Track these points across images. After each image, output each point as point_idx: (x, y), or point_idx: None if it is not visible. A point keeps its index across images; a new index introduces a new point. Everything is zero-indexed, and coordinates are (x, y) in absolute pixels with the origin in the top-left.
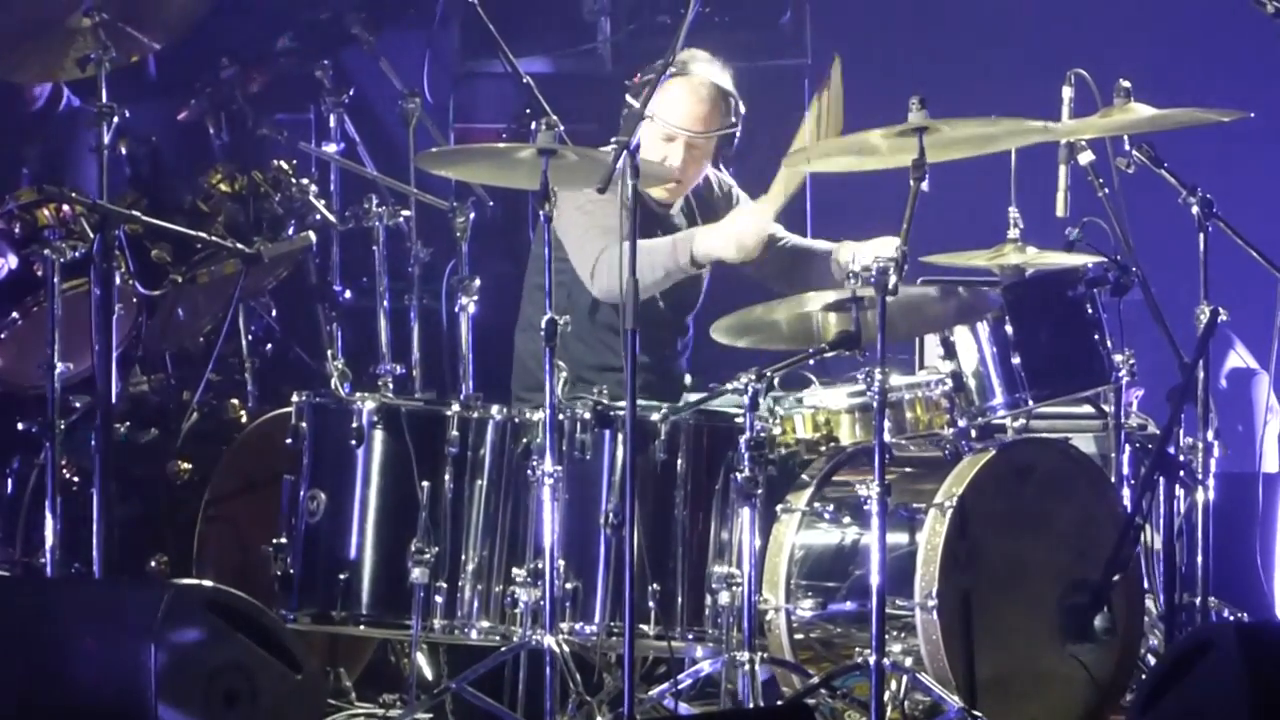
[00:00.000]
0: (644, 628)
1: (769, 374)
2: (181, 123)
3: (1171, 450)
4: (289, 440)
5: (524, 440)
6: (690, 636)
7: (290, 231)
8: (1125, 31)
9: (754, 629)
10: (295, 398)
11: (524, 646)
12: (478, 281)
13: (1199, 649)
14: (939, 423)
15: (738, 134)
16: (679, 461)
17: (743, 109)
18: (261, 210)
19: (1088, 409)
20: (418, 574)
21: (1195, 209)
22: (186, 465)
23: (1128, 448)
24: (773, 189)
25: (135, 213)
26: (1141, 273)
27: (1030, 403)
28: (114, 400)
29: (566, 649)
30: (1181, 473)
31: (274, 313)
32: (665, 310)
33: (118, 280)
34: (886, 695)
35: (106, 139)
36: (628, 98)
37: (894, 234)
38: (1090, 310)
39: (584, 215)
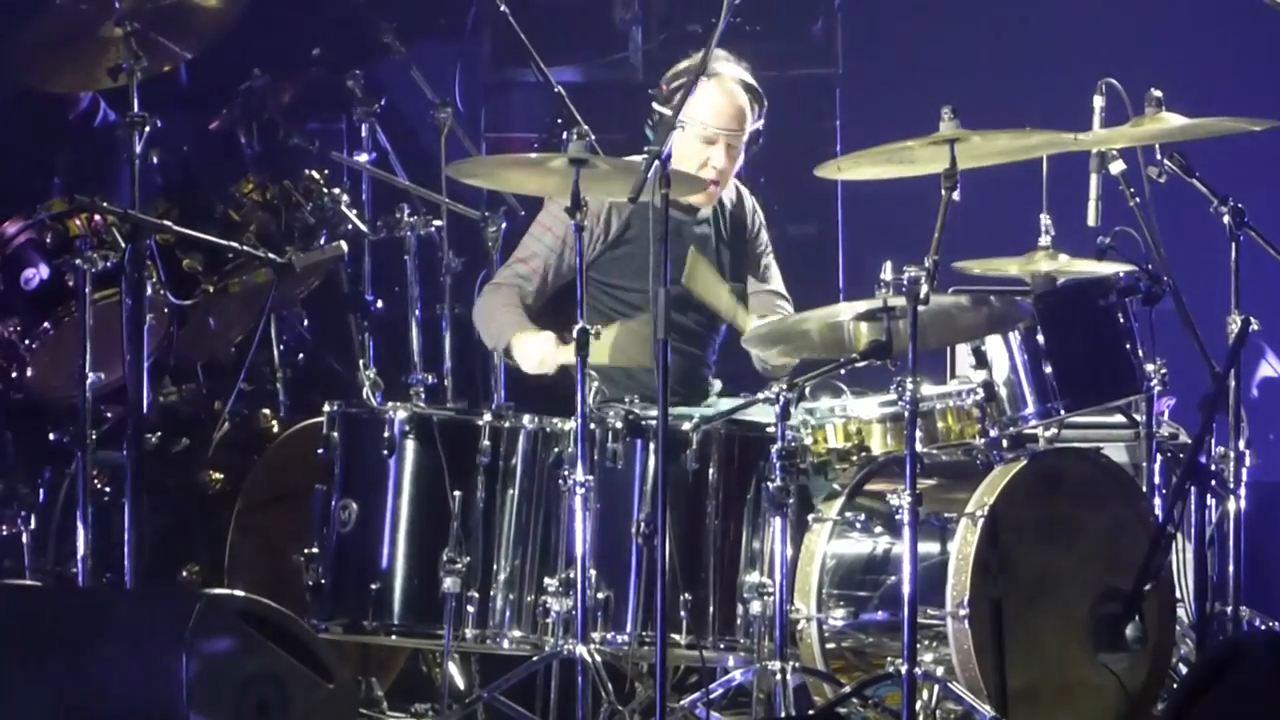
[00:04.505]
0: (675, 637)
1: (800, 383)
2: (213, 132)
3: (1203, 459)
4: (320, 450)
5: (555, 449)
6: (722, 646)
7: (322, 241)
8: (1156, 41)
9: (785, 638)
10: (327, 407)
11: (556, 656)
12: None
13: (1230, 658)
14: (970, 432)
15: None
16: (710, 471)
17: (766, 103)
18: (293, 220)
19: (1119, 418)
20: (449, 584)
21: (1227, 218)
22: (218, 475)
23: (1159, 457)
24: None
25: (167, 222)
26: (1173, 282)
27: (1062, 412)
28: (145, 410)
29: (598, 658)
30: (1213, 482)
31: (306, 322)
32: (693, 323)
33: (149, 290)
34: (918, 705)
35: (138, 148)
36: (655, 106)
37: (926, 242)
38: (1122, 319)
39: (531, 238)
